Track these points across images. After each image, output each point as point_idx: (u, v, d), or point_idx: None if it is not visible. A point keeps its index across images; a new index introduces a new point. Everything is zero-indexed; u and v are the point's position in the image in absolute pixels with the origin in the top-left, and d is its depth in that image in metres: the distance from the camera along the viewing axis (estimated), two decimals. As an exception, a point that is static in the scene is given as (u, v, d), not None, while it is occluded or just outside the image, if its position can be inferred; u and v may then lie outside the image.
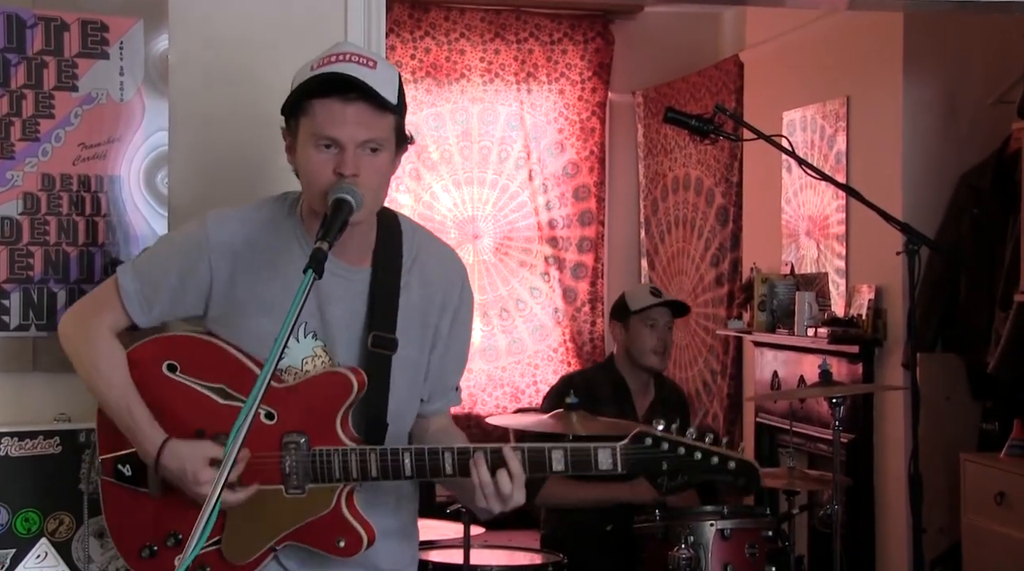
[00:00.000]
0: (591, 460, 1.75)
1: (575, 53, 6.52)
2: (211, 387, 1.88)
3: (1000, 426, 3.91)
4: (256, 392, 1.54)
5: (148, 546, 1.91)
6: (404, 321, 1.90)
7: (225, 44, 2.52)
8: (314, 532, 1.85)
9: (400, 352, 1.89)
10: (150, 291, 1.91)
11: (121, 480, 1.92)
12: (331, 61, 1.82)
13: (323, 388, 1.84)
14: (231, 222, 1.92)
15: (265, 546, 1.86)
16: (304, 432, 1.83)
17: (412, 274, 1.93)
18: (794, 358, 4.79)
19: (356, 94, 1.79)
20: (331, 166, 1.80)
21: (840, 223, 4.64)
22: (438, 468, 1.79)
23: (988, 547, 3.63)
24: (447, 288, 1.96)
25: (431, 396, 1.98)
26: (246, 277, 1.88)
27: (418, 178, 6.37)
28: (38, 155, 2.37)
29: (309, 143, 1.81)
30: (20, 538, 2.28)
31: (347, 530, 1.84)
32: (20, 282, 2.35)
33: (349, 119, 1.79)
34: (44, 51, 2.37)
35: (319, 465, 1.83)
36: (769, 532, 3.22)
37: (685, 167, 6.10)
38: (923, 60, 4.26)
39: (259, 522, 1.85)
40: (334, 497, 1.84)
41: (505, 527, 4.68)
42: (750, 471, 1.75)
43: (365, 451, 1.82)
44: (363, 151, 1.81)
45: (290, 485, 1.84)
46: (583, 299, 6.55)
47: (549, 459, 1.76)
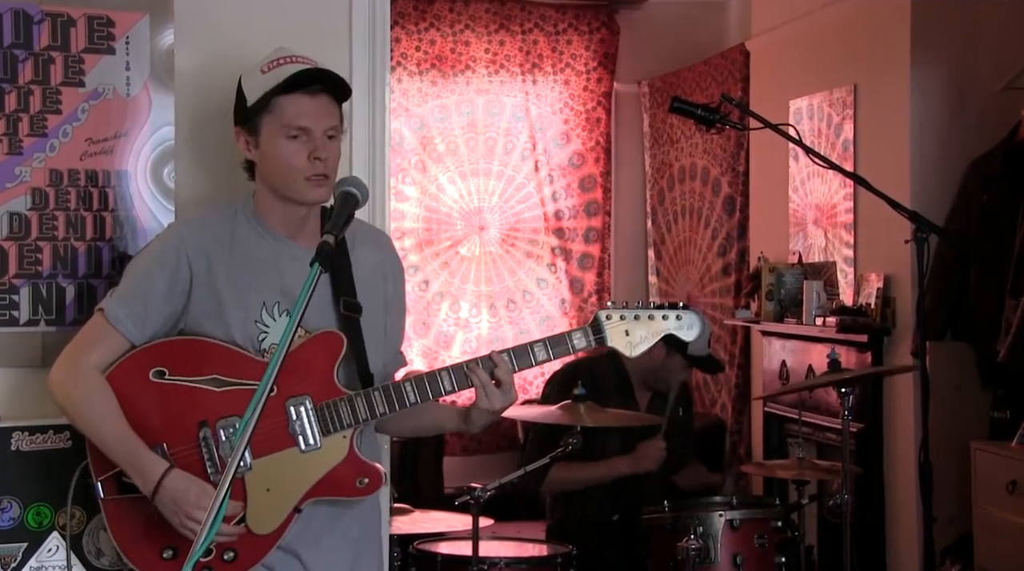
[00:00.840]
0: (568, 344, 2.06)
1: (580, 43, 6.50)
2: (204, 380, 2.00)
3: (1011, 414, 3.89)
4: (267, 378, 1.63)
5: (169, 545, 1.99)
6: (362, 289, 2.10)
7: (231, 38, 2.51)
8: (335, 481, 2.01)
9: (364, 317, 2.09)
10: (141, 309, 2.04)
11: (126, 492, 2.00)
12: (281, 63, 2.05)
13: (317, 348, 2.01)
14: (196, 224, 2.12)
15: (290, 508, 1.99)
16: (306, 393, 2.00)
17: (355, 251, 2.13)
18: (802, 347, 4.78)
19: (319, 87, 2.03)
20: (304, 152, 2.02)
21: (848, 211, 4.62)
22: (438, 386, 2.02)
23: (1000, 536, 3.62)
24: (383, 259, 2.20)
25: (387, 362, 2.18)
26: (221, 271, 2.05)
27: (424, 170, 6.36)
28: (46, 150, 2.37)
29: (278, 136, 2.03)
30: (32, 532, 2.29)
31: (366, 469, 2.03)
32: (29, 277, 2.36)
33: (315, 109, 2.02)
34: (51, 47, 2.37)
35: (328, 416, 2.00)
36: (779, 522, 3.22)
37: (691, 157, 6.08)
38: (931, 47, 4.24)
39: (282, 486, 1.98)
40: (347, 443, 2.01)
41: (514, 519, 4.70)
42: (692, 317, 2.06)
43: (368, 391, 2.02)
44: (324, 138, 2.04)
45: (305, 442, 1.99)
46: (590, 290, 6.54)
47: (532, 352, 2.06)
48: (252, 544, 1.98)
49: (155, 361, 2.02)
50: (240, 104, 2.09)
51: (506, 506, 4.39)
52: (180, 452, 1.99)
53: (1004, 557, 3.60)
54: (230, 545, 1.97)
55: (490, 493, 3.09)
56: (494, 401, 2.05)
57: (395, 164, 6.21)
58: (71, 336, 2.29)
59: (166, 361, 2.02)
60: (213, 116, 2.53)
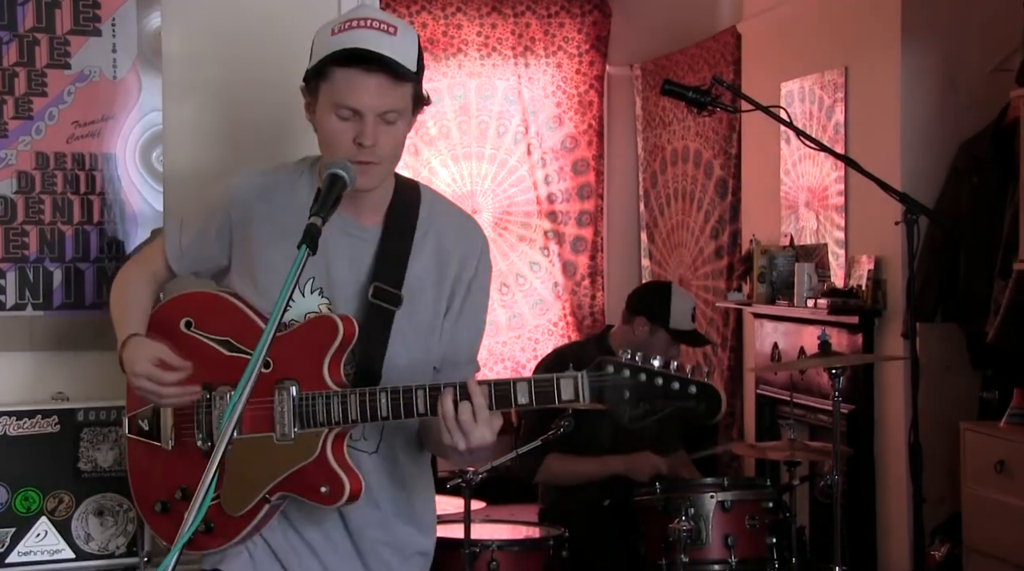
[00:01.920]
0: (554, 392, 1.72)
1: (572, 26, 6.49)
2: (218, 340, 1.92)
3: (1000, 395, 3.90)
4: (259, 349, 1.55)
5: (160, 500, 1.95)
6: (415, 282, 1.92)
7: (218, 20, 2.50)
8: (301, 479, 1.85)
9: (406, 309, 1.90)
10: (186, 240, 1.99)
11: (140, 435, 1.98)
12: (352, 26, 1.84)
13: (312, 333, 1.86)
14: (253, 177, 1.97)
15: (258, 496, 1.87)
16: (295, 378, 1.85)
17: (427, 239, 1.94)
18: (794, 329, 4.79)
19: (377, 65, 1.81)
20: (350, 135, 1.83)
21: (839, 194, 4.62)
22: (411, 406, 1.78)
23: (988, 515, 3.64)
24: (464, 257, 1.97)
25: (443, 366, 1.97)
26: (260, 231, 1.92)
27: (416, 153, 6.35)
28: (31, 133, 2.36)
29: (329, 110, 1.84)
30: (20, 517, 2.29)
31: (331, 477, 1.84)
32: (16, 261, 2.35)
33: (369, 90, 1.81)
34: (36, 28, 2.36)
35: (305, 409, 1.84)
36: (770, 503, 3.23)
37: (684, 139, 6.07)
38: (921, 29, 4.23)
39: (253, 472, 1.87)
40: (319, 442, 1.84)
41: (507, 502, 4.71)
42: (711, 395, 1.69)
43: (345, 393, 1.82)
44: (381, 121, 1.84)
45: (280, 432, 1.85)
46: (583, 273, 6.55)
47: (514, 392, 1.74)
48: (226, 522, 1.90)
49: (186, 311, 1.97)
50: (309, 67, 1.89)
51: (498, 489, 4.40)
52: (181, 410, 1.94)
53: (992, 536, 3.62)
54: (208, 516, 1.85)
55: (482, 476, 3.09)
56: (456, 437, 1.76)
57: (387, 148, 6.20)
58: (58, 321, 2.31)
59: (195, 313, 1.96)
60: (202, 98, 2.52)
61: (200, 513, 1.47)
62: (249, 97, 2.52)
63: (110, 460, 2.34)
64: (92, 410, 2.32)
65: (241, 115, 2.52)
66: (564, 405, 1.73)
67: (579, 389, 1.72)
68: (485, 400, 1.75)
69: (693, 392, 1.69)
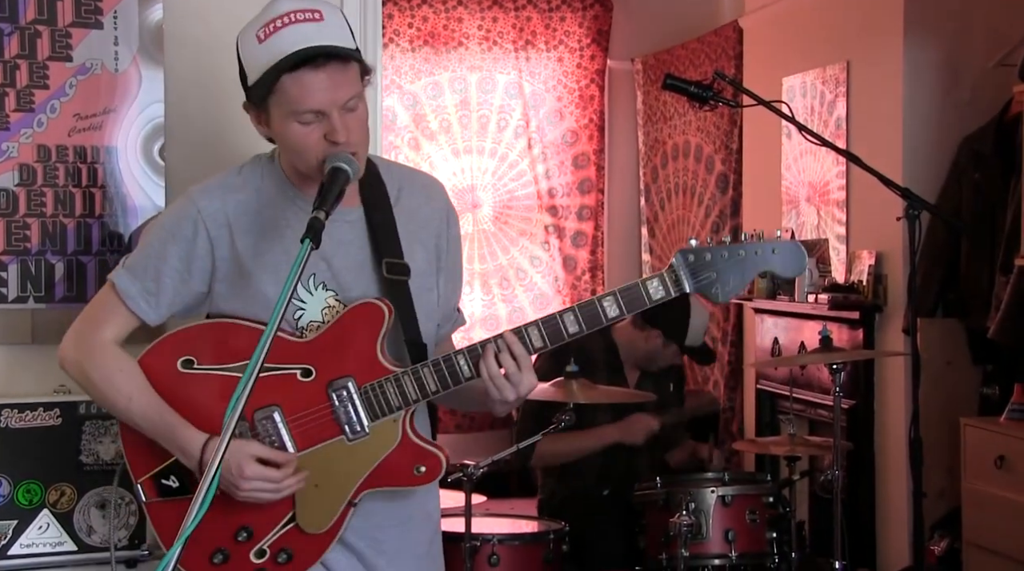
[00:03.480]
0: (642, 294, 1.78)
1: (573, 20, 6.48)
2: (235, 367, 1.81)
3: (1000, 390, 3.91)
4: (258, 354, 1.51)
5: (219, 550, 1.83)
6: (407, 248, 1.90)
7: (220, 12, 2.50)
8: (390, 469, 1.81)
9: (413, 278, 1.89)
10: (152, 285, 1.86)
11: (169, 495, 1.85)
12: (278, 27, 1.75)
13: (355, 323, 1.81)
14: (216, 191, 1.89)
15: (344, 503, 1.82)
16: (348, 374, 1.80)
17: (400, 205, 1.93)
18: (795, 325, 4.79)
19: (323, 58, 1.74)
20: (318, 135, 1.77)
21: (840, 189, 4.62)
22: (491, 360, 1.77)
23: (988, 510, 3.64)
24: (435, 212, 1.97)
25: (442, 320, 1.98)
26: (245, 241, 1.86)
27: (417, 148, 6.34)
28: (33, 126, 2.36)
29: (289, 120, 1.77)
30: (22, 509, 2.29)
31: (423, 455, 1.82)
32: (17, 254, 2.35)
33: (324, 87, 1.75)
34: (37, 20, 2.35)
35: (375, 399, 1.80)
36: (770, 498, 3.23)
37: (685, 134, 6.07)
38: (924, 23, 4.23)
39: (330, 481, 1.81)
40: (399, 427, 1.81)
41: (507, 496, 4.72)
42: (793, 250, 1.77)
43: (417, 368, 1.79)
44: (343, 110, 1.78)
45: (351, 431, 1.80)
46: (583, 268, 6.54)
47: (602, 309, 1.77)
48: (306, 544, 1.82)
49: (181, 350, 1.83)
50: (243, 78, 1.83)
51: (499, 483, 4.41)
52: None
53: (992, 531, 3.63)
54: (284, 544, 1.79)
55: (483, 470, 3.09)
56: (504, 392, 1.78)
57: (388, 142, 6.19)
58: (60, 313, 2.29)
59: (193, 349, 1.83)
60: (204, 92, 2.52)
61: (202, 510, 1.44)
62: (251, 90, 2.51)
63: (112, 453, 2.34)
64: (94, 403, 2.31)
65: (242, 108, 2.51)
66: (657, 303, 1.77)
67: (668, 285, 1.77)
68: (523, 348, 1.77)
69: (775, 252, 1.77)
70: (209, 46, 2.49)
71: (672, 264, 1.78)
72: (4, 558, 2.27)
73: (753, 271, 1.76)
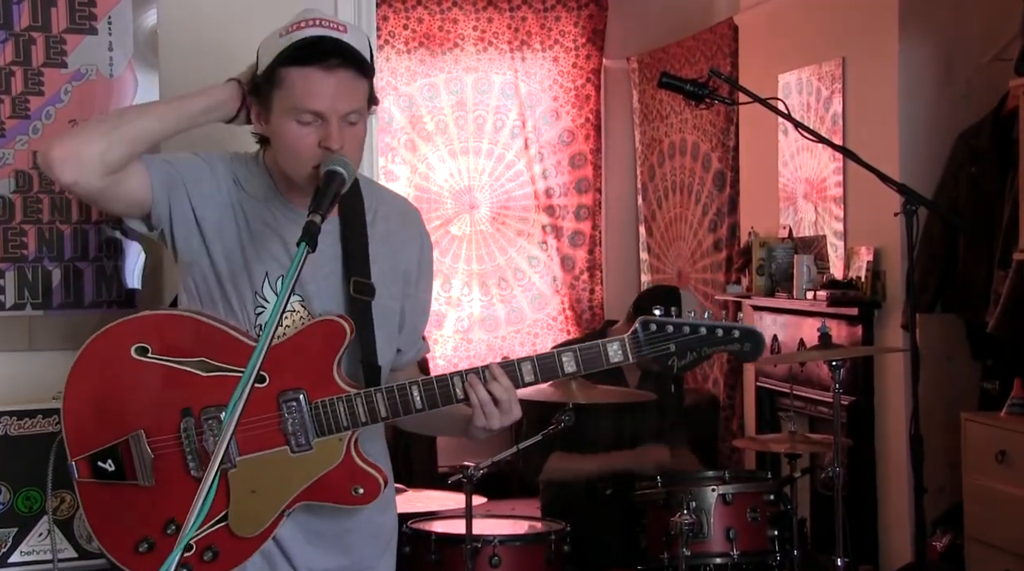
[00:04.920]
0: (601, 355, 1.78)
1: (568, 20, 6.48)
2: (190, 361, 1.81)
3: (1000, 385, 3.90)
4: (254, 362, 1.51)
5: (144, 538, 1.84)
6: (376, 271, 1.90)
7: (215, 17, 2.50)
8: (328, 486, 1.82)
9: (377, 300, 1.89)
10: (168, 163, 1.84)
11: (103, 478, 1.85)
12: (301, 27, 1.77)
13: (315, 338, 1.81)
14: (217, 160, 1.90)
15: (277, 511, 1.83)
16: (301, 387, 1.80)
17: (376, 226, 1.92)
18: (793, 321, 4.79)
19: (338, 61, 1.75)
20: (314, 139, 1.77)
21: (837, 185, 4.62)
22: (449, 393, 1.80)
23: (989, 505, 3.64)
24: (410, 238, 1.97)
25: (405, 346, 1.98)
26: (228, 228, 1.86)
27: (414, 149, 6.34)
28: (28, 133, 2.36)
29: (288, 116, 1.77)
30: (22, 516, 2.28)
31: (363, 477, 1.83)
32: (14, 261, 2.35)
33: (330, 90, 1.75)
34: (32, 27, 2.35)
35: (324, 416, 1.80)
36: (771, 496, 3.23)
37: (681, 132, 6.07)
38: (919, 18, 4.23)
39: (267, 488, 1.81)
40: (343, 447, 1.81)
41: (508, 497, 4.71)
42: (753, 336, 1.81)
43: (371, 392, 1.80)
44: (344, 123, 1.78)
45: (296, 443, 1.80)
46: (581, 267, 6.54)
47: (560, 363, 1.79)
48: (234, 545, 1.82)
49: (138, 336, 1.82)
50: (254, 71, 1.83)
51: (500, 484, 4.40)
52: (160, 441, 1.82)
53: (994, 526, 3.62)
54: (211, 542, 1.80)
55: (483, 471, 3.08)
56: (491, 420, 1.80)
57: (384, 143, 6.19)
58: (58, 320, 2.28)
59: (150, 337, 1.82)
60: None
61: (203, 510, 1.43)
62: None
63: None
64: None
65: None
66: (613, 366, 1.80)
67: (626, 350, 1.78)
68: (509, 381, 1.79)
69: (736, 336, 1.81)
70: (204, 50, 2.49)
71: (635, 330, 1.80)
72: (4, 565, 2.27)
73: (710, 351, 1.80)
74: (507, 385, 1.79)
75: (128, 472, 1.84)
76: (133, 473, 1.84)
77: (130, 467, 1.84)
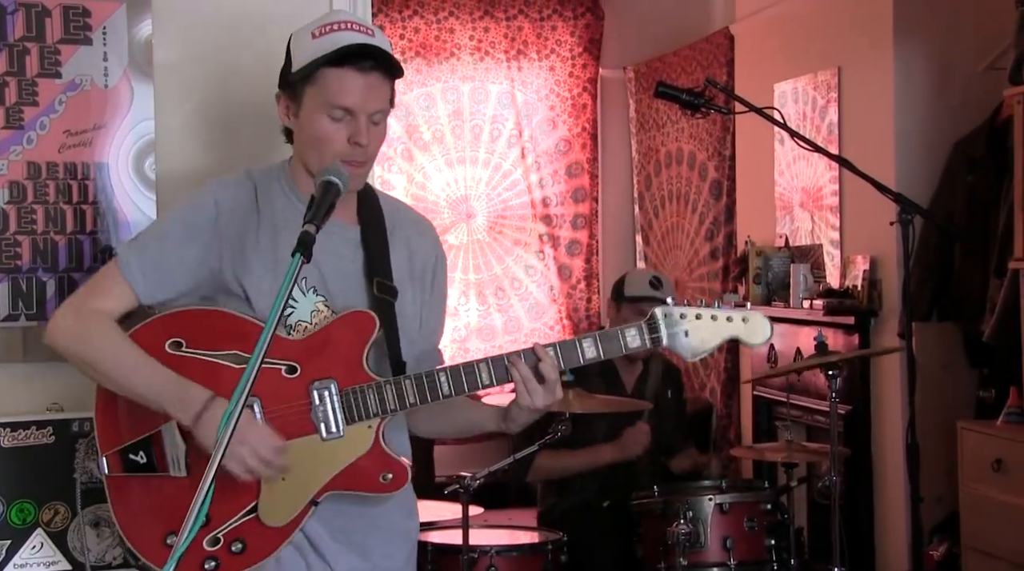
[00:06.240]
0: (620, 340, 1.86)
1: (565, 29, 6.49)
2: (223, 355, 1.85)
3: (996, 393, 3.90)
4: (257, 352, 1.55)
5: (173, 531, 1.83)
6: (396, 274, 1.97)
7: (209, 28, 2.50)
8: (357, 474, 1.86)
9: (399, 303, 1.95)
10: (153, 264, 1.88)
11: (135, 471, 1.87)
12: (333, 29, 1.87)
13: (346, 329, 1.87)
14: (233, 186, 1.96)
15: (306, 500, 1.85)
16: (331, 376, 1.85)
17: (394, 235, 2.00)
18: (790, 331, 4.79)
19: (371, 63, 1.86)
20: (344, 134, 1.87)
21: (834, 194, 4.62)
22: (475, 379, 1.85)
23: (986, 514, 3.64)
24: (427, 249, 2.05)
25: (420, 356, 2.02)
26: (250, 234, 1.91)
27: (410, 158, 6.34)
28: (23, 143, 2.35)
29: (320, 111, 1.87)
30: (15, 529, 2.28)
31: (391, 464, 1.87)
32: (8, 272, 2.34)
33: (363, 89, 1.86)
34: (26, 37, 2.35)
35: (354, 403, 1.85)
36: (768, 505, 3.23)
37: (678, 142, 6.07)
38: (914, 28, 4.24)
39: (296, 477, 1.84)
40: (372, 434, 1.86)
41: (505, 506, 4.70)
42: (760, 321, 1.89)
43: (399, 379, 1.86)
44: (369, 122, 1.88)
45: (327, 430, 1.85)
46: (578, 276, 6.54)
47: (580, 348, 1.86)
48: (263, 536, 1.84)
49: (172, 331, 1.86)
50: (286, 68, 1.91)
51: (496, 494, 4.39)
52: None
53: (990, 535, 3.62)
54: (240, 535, 1.82)
55: (480, 481, 3.08)
56: (536, 398, 1.86)
57: (381, 153, 6.18)
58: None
59: (184, 332, 1.86)
60: (194, 107, 2.51)
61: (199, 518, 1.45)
62: (241, 104, 2.51)
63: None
64: (87, 421, 2.30)
65: (233, 122, 2.51)
66: (631, 353, 1.90)
67: (643, 336, 1.87)
68: (554, 359, 1.86)
69: (744, 320, 1.88)
70: (198, 61, 2.49)
71: (652, 315, 1.88)
72: (-2, 578, 2.26)
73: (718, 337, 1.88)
74: (553, 363, 1.86)
75: (160, 464, 1.87)
76: (165, 465, 1.87)
77: (161, 459, 1.86)
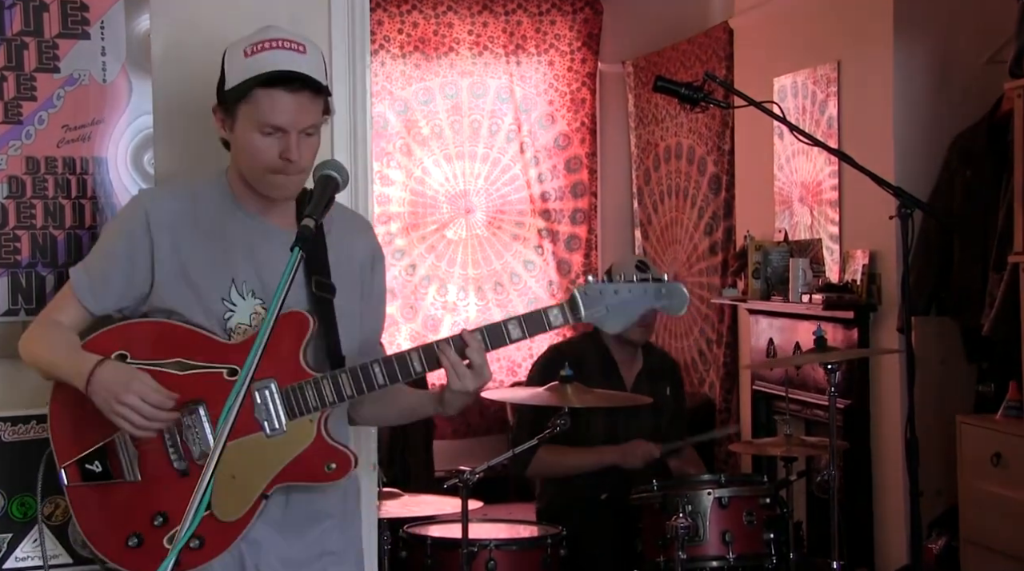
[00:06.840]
0: (544, 320, 1.96)
1: (564, 24, 6.48)
2: (167, 363, 1.96)
3: (995, 388, 3.91)
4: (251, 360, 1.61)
5: (134, 534, 1.96)
6: (335, 273, 2.04)
7: (208, 22, 2.49)
8: (302, 465, 1.96)
9: (338, 300, 2.03)
10: (99, 278, 2.03)
11: (91, 480, 1.98)
12: (265, 47, 1.96)
13: (283, 329, 1.93)
14: (162, 195, 2.09)
15: (257, 494, 1.95)
16: (271, 376, 1.94)
17: (332, 235, 2.06)
18: (789, 325, 4.79)
19: (300, 83, 1.94)
20: (275, 150, 1.95)
21: (833, 189, 4.63)
22: (407, 367, 1.94)
23: (985, 508, 3.64)
24: (364, 246, 2.13)
25: (360, 350, 2.09)
26: (184, 242, 2.01)
27: (409, 153, 6.34)
28: (21, 138, 2.35)
29: (252, 128, 1.95)
30: (16, 523, 2.28)
31: (334, 454, 1.98)
32: (8, 267, 2.34)
33: (292, 109, 1.94)
34: (24, 32, 2.34)
35: (294, 399, 1.95)
36: (767, 499, 3.23)
37: (677, 136, 6.07)
38: (914, 21, 4.24)
39: (246, 473, 1.94)
40: (314, 427, 1.96)
41: (504, 501, 4.71)
42: (676, 291, 1.97)
43: (335, 373, 1.95)
44: (302, 135, 1.96)
45: (270, 427, 1.94)
46: (577, 271, 6.54)
47: (506, 330, 1.96)
48: (219, 531, 1.94)
49: (116, 344, 1.97)
50: (221, 83, 2.02)
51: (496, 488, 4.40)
52: (143, 439, 1.96)
53: (989, 529, 3.63)
54: (197, 531, 1.88)
55: (479, 475, 3.09)
56: (466, 382, 1.95)
57: (380, 148, 6.19)
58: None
59: (127, 344, 1.97)
60: (192, 102, 2.50)
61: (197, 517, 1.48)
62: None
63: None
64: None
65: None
66: (554, 329, 1.98)
67: (565, 314, 1.96)
68: (481, 344, 1.95)
69: (663, 292, 1.96)
70: (197, 55, 2.48)
71: (573, 295, 1.97)
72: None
73: (639, 308, 1.96)
74: (480, 347, 1.95)
75: (115, 471, 1.98)
76: (120, 471, 1.98)
77: (116, 466, 1.98)
